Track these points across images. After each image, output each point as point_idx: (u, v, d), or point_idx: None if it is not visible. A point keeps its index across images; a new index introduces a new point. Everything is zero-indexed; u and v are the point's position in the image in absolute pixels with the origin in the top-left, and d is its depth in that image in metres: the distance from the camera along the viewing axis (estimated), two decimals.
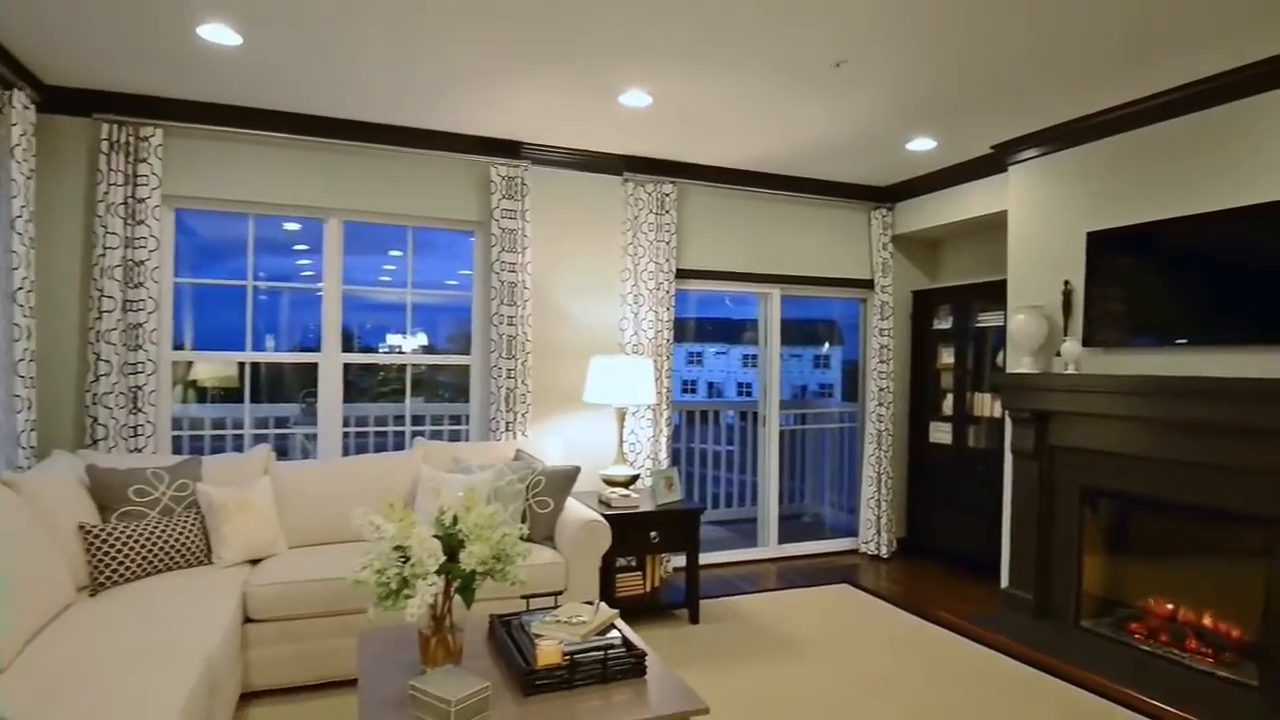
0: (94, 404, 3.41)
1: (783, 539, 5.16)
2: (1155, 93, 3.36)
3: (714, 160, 4.54)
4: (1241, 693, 3.04)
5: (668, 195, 4.50)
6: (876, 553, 5.15)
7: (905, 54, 2.97)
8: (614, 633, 2.29)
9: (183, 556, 2.91)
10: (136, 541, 2.80)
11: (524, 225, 4.15)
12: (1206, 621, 3.36)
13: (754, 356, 5.15)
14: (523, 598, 2.53)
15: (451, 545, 2.07)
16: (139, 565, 2.79)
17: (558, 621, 2.30)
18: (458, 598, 2.10)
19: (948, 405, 5.09)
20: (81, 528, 2.73)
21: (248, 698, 2.83)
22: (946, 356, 5.14)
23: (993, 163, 4.32)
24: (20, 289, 3.11)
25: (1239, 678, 3.10)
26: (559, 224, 4.37)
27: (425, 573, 1.96)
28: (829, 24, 2.72)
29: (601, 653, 2.10)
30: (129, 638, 2.24)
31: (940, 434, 5.12)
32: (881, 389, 5.14)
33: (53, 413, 3.43)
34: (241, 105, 3.66)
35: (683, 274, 4.66)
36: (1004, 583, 4.23)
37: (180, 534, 2.93)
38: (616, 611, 2.40)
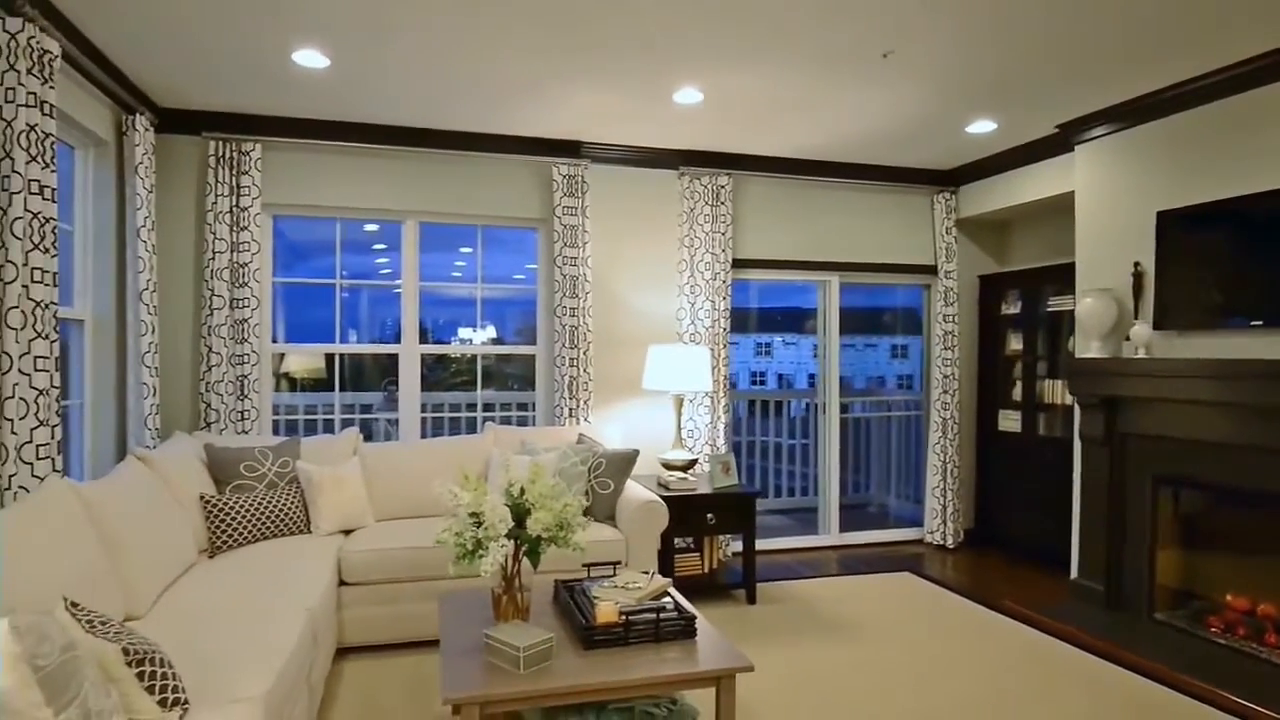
0: (207, 391, 3.91)
1: (845, 527, 5.29)
2: (1225, 65, 3.33)
3: (769, 150, 4.70)
4: None
5: (723, 187, 4.69)
6: (942, 543, 5.21)
7: (953, 39, 3.07)
8: (667, 599, 2.53)
9: (286, 525, 3.34)
10: (248, 511, 3.24)
11: (584, 221, 4.43)
12: None
13: (838, 341, 5.28)
14: (584, 566, 2.80)
15: (519, 513, 2.36)
16: (250, 532, 3.22)
17: (615, 587, 2.57)
18: (526, 561, 2.40)
19: (1017, 392, 5.10)
20: (202, 498, 3.19)
21: (343, 652, 3.23)
22: (1015, 343, 5.13)
23: (1058, 143, 4.32)
24: (145, 290, 3.60)
25: None
26: (617, 218, 4.64)
27: (496, 536, 2.26)
28: (874, 17, 2.86)
29: (654, 614, 2.35)
30: (245, 593, 2.65)
31: (1009, 422, 5.12)
32: (946, 376, 5.19)
33: (172, 398, 3.95)
34: (328, 119, 4.08)
35: (739, 264, 4.85)
36: (1073, 574, 4.25)
37: (284, 505, 3.36)
38: (670, 580, 2.65)
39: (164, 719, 1.77)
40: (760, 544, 5.06)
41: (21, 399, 2.57)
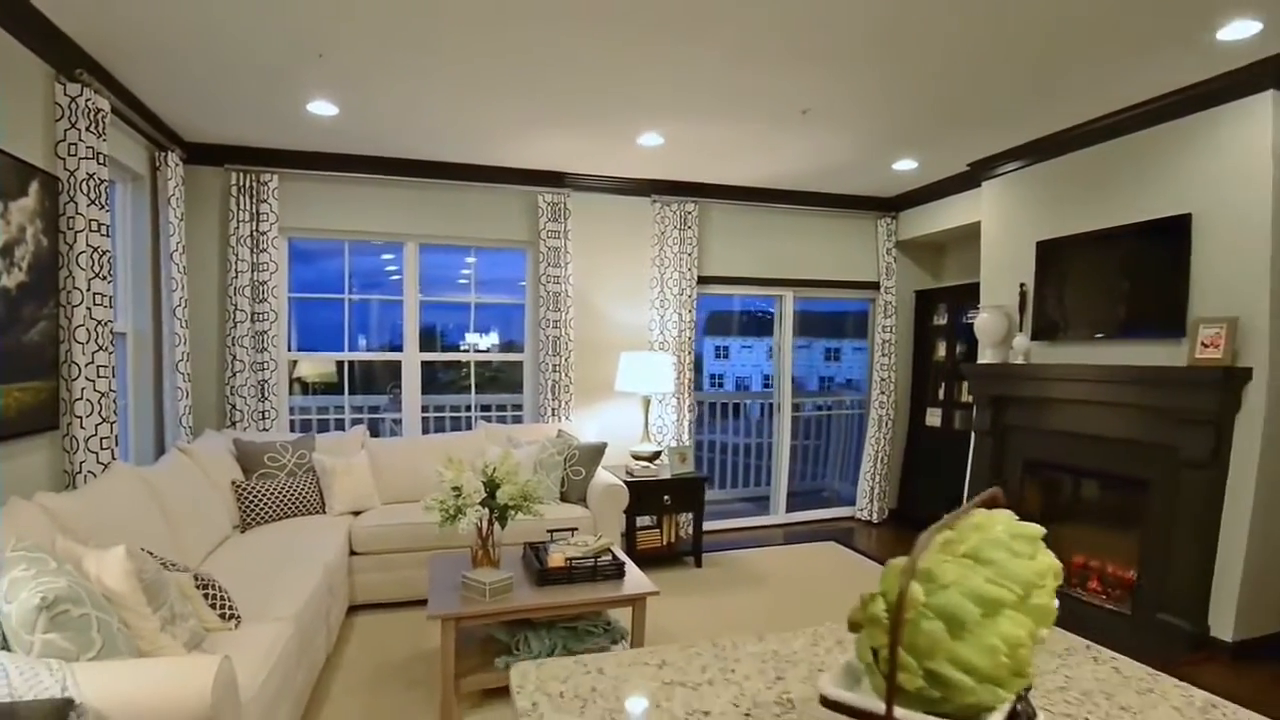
0: (232, 394, 4.32)
1: (791, 509, 5.79)
2: (1089, 119, 3.80)
3: (729, 180, 5.15)
4: (1118, 619, 3.67)
5: (690, 213, 5.14)
6: (869, 519, 5.73)
7: (855, 100, 3.53)
8: (606, 554, 3.00)
9: (304, 506, 3.77)
10: (272, 494, 3.67)
11: (566, 243, 4.87)
12: (1109, 569, 3.89)
13: (791, 346, 5.74)
14: (548, 532, 3.27)
15: (491, 487, 2.82)
16: (274, 511, 3.65)
17: (570, 544, 3.04)
18: (498, 526, 2.87)
19: (941, 393, 5.58)
20: (233, 484, 3.62)
21: (354, 609, 3.68)
22: (941, 350, 5.62)
23: (972, 178, 4.79)
24: (178, 306, 4.01)
25: (1119, 609, 3.72)
26: (596, 240, 5.08)
27: (472, 503, 2.72)
28: (793, 83, 3.32)
29: (593, 561, 2.88)
30: (274, 555, 3.09)
31: (933, 418, 5.62)
32: (884, 379, 5.67)
33: (202, 400, 4.36)
34: (337, 153, 4.49)
35: (704, 280, 5.30)
36: None
37: (302, 490, 3.79)
38: (610, 541, 3.12)
39: (224, 627, 2.23)
40: (718, 524, 5.56)
41: (88, 400, 2.99)
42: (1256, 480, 3.16)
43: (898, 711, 0.66)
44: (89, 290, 3.02)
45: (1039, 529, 0.86)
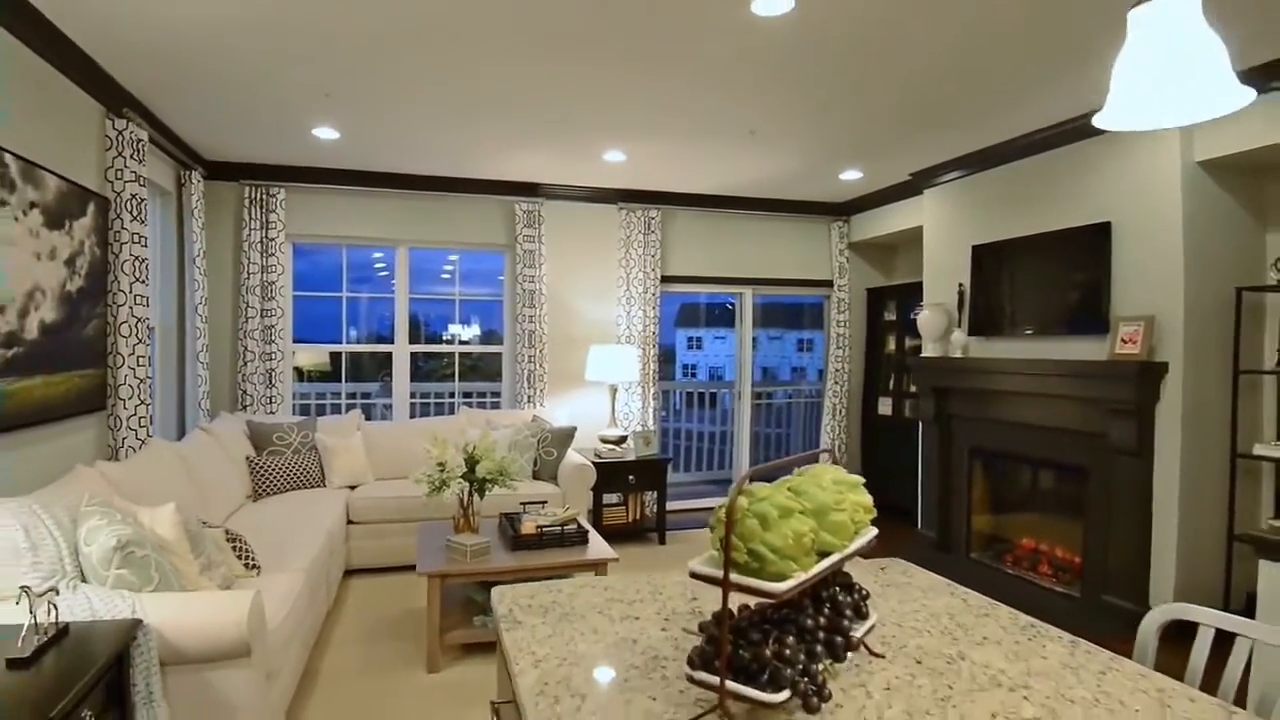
0: (243, 381, 5.04)
1: None
2: (1016, 135, 4.37)
3: (690, 189, 5.84)
4: (1067, 601, 4.17)
5: (653, 218, 5.83)
6: None
7: (795, 121, 4.20)
8: (573, 524, 3.69)
9: (307, 480, 4.49)
10: (280, 469, 4.39)
11: (540, 247, 5.57)
12: (1058, 553, 4.48)
13: (752, 339, 6.41)
14: (521, 504, 3.96)
15: (471, 462, 3.52)
16: (281, 483, 4.37)
17: (540, 515, 3.73)
18: (478, 497, 3.56)
19: (892, 383, 6.26)
20: (248, 459, 4.34)
21: (350, 573, 4.39)
22: (892, 343, 6.30)
23: (914, 187, 5.46)
24: (199, 304, 4.72)
25: (1068, 591, 4.25)
26: (568, 244, 5.77)
27: (454, 476, 3.41)
28: (739, 108, 3.98)
29: (560, 529, 3.53)
30: (283, 520, 3.80)
31: (885, 407, 6.30)
32: (837, 370, 6.36)
33: (218, 386, 5.08)
34: (338, 168, 5.19)
35: (667, 279, 5.99)
36: (919, 525, 5.43)
37: (306, 466, 4.51)
38: (577, 511, 3.81)
39: (248, 574, 2.94)
40: (683, 504, 6.25)
41: (129, 385, 3.71)
42: (1180, 466, 3.59)
43: (732, 576, 1.02)
44: (131, 292, 3.74)
45: (858, 479, 1.34)
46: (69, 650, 1.94)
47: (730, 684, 0.98)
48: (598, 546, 3.53)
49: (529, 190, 5.59)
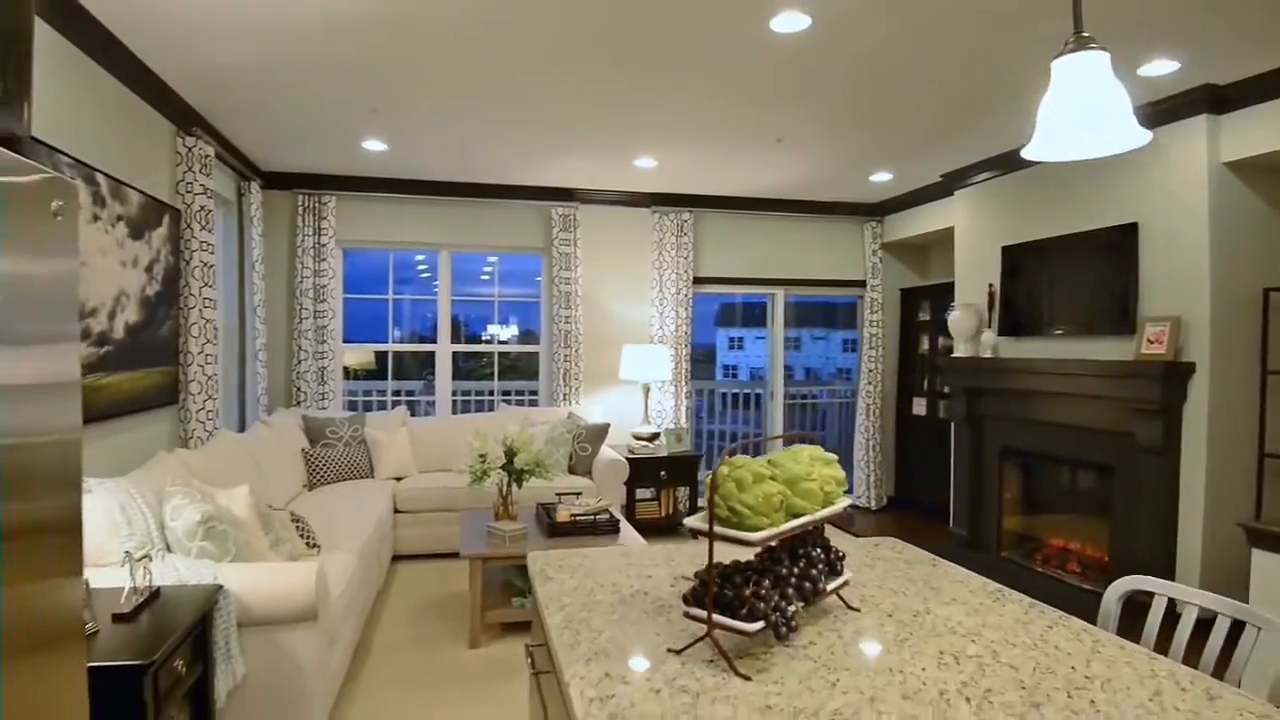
0: (298, 379, 5.45)
1: None
2: None
3: (721, 192, 6.07)
4: (1095, 598, 4.26)
5: (685, 221, 6.08)
6: (868, 505, 6.55)
7: (819, 129, 4.40)
8: (605, 514, 3.97)
9: (357, 472, 4.86)
10: (332, 461, 4.76)
11: (576, 250, 5.87)
12: (1088, 551, 4.58)
13: (795, 339, 6.59)
14: (556, 495, 4.25)
15: (510, 454, 3.82)
16: (333, 474, 4.75)
17: (575, 504, 4.02)
18: (516, 487, 3.86)
19: (926, 383, 6.39)
20: (303, 451, 4.72)
21: (397, 559, 4.74)
22: (925, 343, 6.43)
23: (946, 188, 5.60)
24: (258, 306, 5.14)
25: (1092, 587, 4.36)
26: (602, 247, 6.06)
27: (494, 467, 3.72)
28: (765, 117, 4.21)
29: (593, 518, 3.81)
30: (336, 507, 4.16)
31: (920, 407, 6.43)
32: (870, 370, 6.51)
33: (275, 383, 5.50)
34: (385, 177, 5.57)
35: (699, 280, 6.23)
36: (951, 524, 5.57)
37: (356, 458, 4.88)
38: (609, 503, 4.09)
39: (310, 553, 3.28)
40: None
41: (198, 381, 4.11)
42: (1206, 465, 3.70)
43: (716, 528, 1.26)
44: (200, 295, 4.14)
45: (832, 457, 1.57)
46: (161, 610, 2.28)
47: (716, 616, 1.23)
48: (629, 536, 3.79)
49: (565, 195, 5.89)
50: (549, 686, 1.44)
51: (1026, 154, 1.29)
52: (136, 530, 2.63)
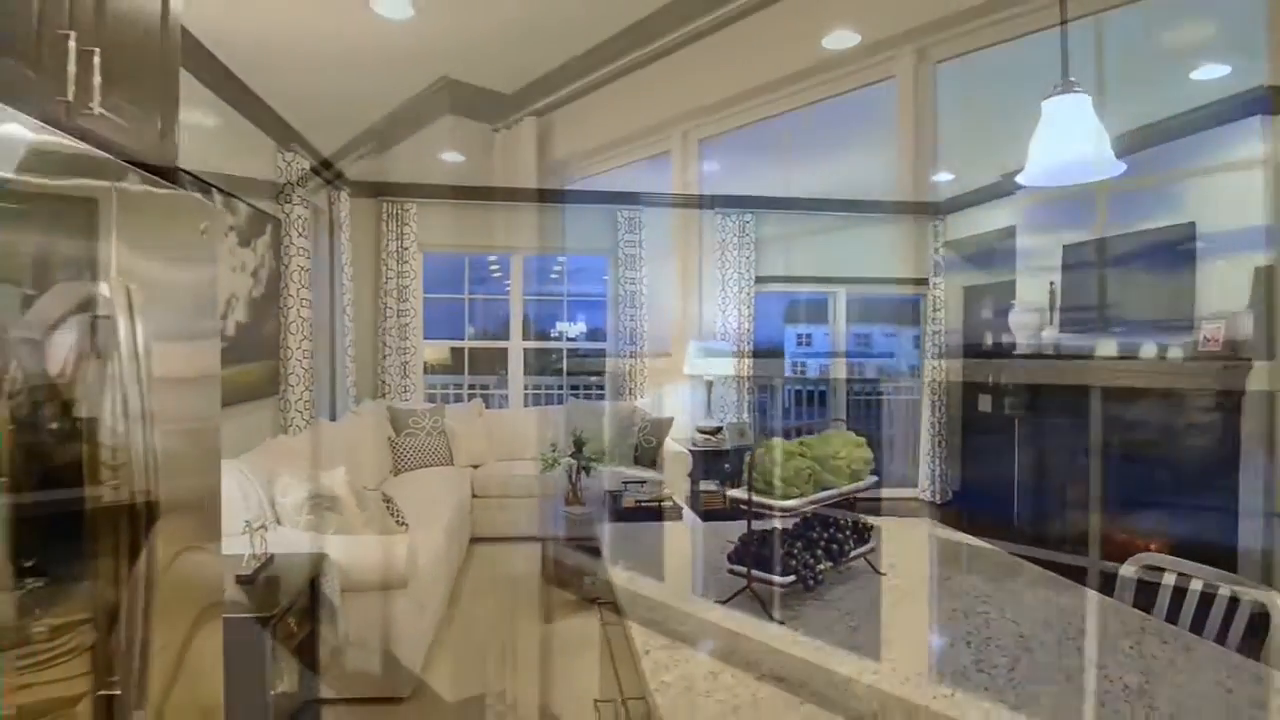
0: (382, 373, 5.91)
1: None
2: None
3: (783, 193, 6.23)
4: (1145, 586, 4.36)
5: (747, 222, 6.27)
6: (931, 499, 6.61)
7: (882, 133, 4.56)
8: (668, 501, 4.23)
9: (438, 459, 5.27)
10: (415, 449, 5.18)
11: (640, 251, 6.14)
12: (1151, 547, 4.59)
13: (864, 335, 6.76)
14: (623, 483, 4.54)
15: (578, 445, 4.13)
16: (416, 461, 5.17)
17: (640, 492, 4.30)
18: (584, 474, 4.17)
19: (990, 380, 6.39)
20: (389, 439, 5.16)
21: (474, 540, 5.12)
22: (990, 340, 6.43)
23: (1007, 187, 5.62)
24: (347, 305, 5.60)
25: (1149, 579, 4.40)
26: (666, 247, 6.31)
27: (564, 456, 4.03)
28: (822, 125, 4.40)
29: (657, 504, 4.08)
30: (420, 490, 4.55)
31: (985, 404, 6.44)
32: (934, 366, 6.56)
33: (362, 376, 5.97)
34: (460, 185, 5.97)
35: (761, 279, 6.41)
36: (1014, 521, 5.60)
37: (436, 447, 5.29)
38: (672, 491, 4.35)
39: (399, 530, 3.65)
40: None
41: (296, 374, 4.56)
42: (1263, 459, 3.80)
43: (755, 497, 1.54)
44: (298, 296, 4.59)
45: (860, 439, 1.81)
46: (275, 574, 2.65)
47: (755, 571, 1.48)
48: (689, 518, 4.06)
49: (630, 199, 6.17)
50: (616, 638, 1.71)
51: (1021, 179, 1.48)
52: (251, 505, 3.04)
